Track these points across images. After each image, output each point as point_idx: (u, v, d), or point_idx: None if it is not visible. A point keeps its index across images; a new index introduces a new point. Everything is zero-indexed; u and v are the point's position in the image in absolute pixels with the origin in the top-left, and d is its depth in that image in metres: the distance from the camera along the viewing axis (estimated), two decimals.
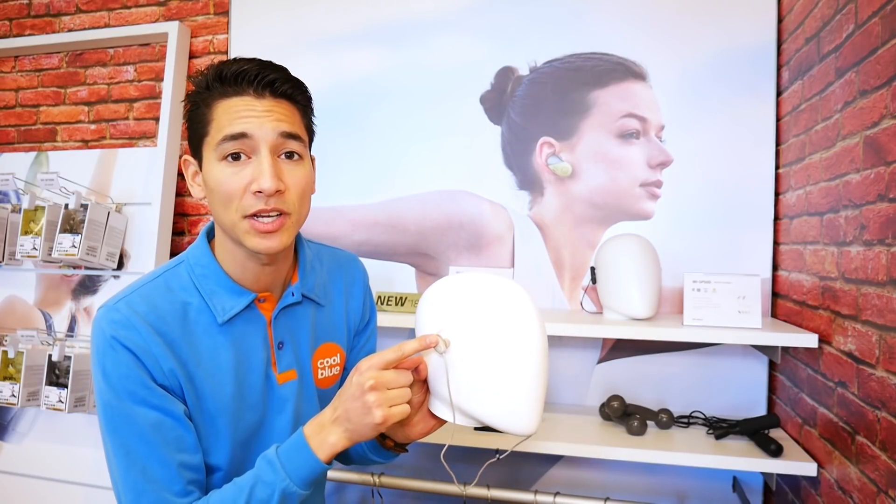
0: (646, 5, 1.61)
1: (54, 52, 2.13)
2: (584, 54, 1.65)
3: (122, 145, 2.07)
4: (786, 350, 1.43)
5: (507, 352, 0.76)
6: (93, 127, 2.10)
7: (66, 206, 1.73)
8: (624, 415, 1.46)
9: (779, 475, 1.45)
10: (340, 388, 0.79)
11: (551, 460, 1.67)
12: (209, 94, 0.79)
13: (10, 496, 1.89)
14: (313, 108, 0.87)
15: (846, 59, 1.13)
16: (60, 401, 1.70)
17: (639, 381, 1.61)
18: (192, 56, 1.99)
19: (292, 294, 0.90)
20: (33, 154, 2.03)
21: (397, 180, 1.78)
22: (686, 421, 1.51)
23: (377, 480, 1.49)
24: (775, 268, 1.54)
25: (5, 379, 1.76)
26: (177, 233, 1.99)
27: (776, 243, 1.54)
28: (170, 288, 0.83)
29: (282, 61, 0.85)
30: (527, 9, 1.69)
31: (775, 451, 1.27)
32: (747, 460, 1.28)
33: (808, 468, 1.24)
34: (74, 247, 1.69)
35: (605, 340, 1.65)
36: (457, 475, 0.91)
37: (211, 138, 0.78)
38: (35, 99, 2.16)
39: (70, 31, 2.11)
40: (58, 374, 1.73)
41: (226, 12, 1.96)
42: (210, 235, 0.89)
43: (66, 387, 1.70)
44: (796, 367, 1.38)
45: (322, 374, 0.95)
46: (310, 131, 0.86)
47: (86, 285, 1.92)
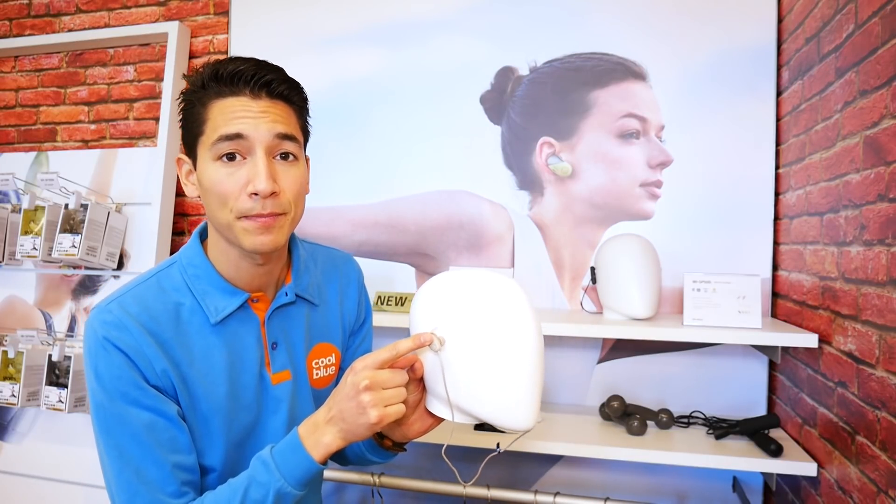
0: (646, 5, 1.61)
1: (54, 52, 2.13)
2: (584, 54, 1.65)
3: (122, 145, 2.07)
4: (786, 350, 1.43)
5: (501, 347, 0.76)
6: (93, 127, 2.10)
7: (66, 206, 1.73)
8: (624, 415, 1.46)
9: (779, 475, 1.45)
10: (335, 388, 0.78)
11: (551, 460, 1.67)
12: (205, 94, 0.78)
13: (10, 496, 1.89)
14: (309, 108, 0.87)
15: (846, 59, 1.13)
16: (60, 401, 1.70)
17: (639, 381, 1.61)
18: (192, 56, 1.99)
19: (286, 294, 0.89)
20: (33, 154, 2.03)
21: (397, 180, 1.78)
22: (686, 421, 1.51)
23: (377, 480, 1.49)
24: (775, 268, 1.54)
25: (5, 379, 1.76)
26: (177, 233, 1.99)
27: (776, 243, 1.54)
28: (162, 288, 0.82)
29: (282, 61, 0.84)
30: (527, 9, 1.69)
31: (775, 451, 1.27)
32: (747, 460, 1.28)
33: (808, 468, 1.24)
34: (74, 247, 1.69)
35: (605, 340, 1.65)
36: (457, 473, 0.91)
37: (206, 137, 0.78)
38: (35, 99, 2.16)
39: (70, 31, 2.11)
40: (58, 374, 1.73)
41: (226, 12, 1.96)
42: (203, 236, 0.89)
43: (66, 387, 1.70)
44: (796, 367, 1.38)
45: (317, 374, 0.95)
46: (305, 132, 0.86)
47: (86, 285, 1.92)
